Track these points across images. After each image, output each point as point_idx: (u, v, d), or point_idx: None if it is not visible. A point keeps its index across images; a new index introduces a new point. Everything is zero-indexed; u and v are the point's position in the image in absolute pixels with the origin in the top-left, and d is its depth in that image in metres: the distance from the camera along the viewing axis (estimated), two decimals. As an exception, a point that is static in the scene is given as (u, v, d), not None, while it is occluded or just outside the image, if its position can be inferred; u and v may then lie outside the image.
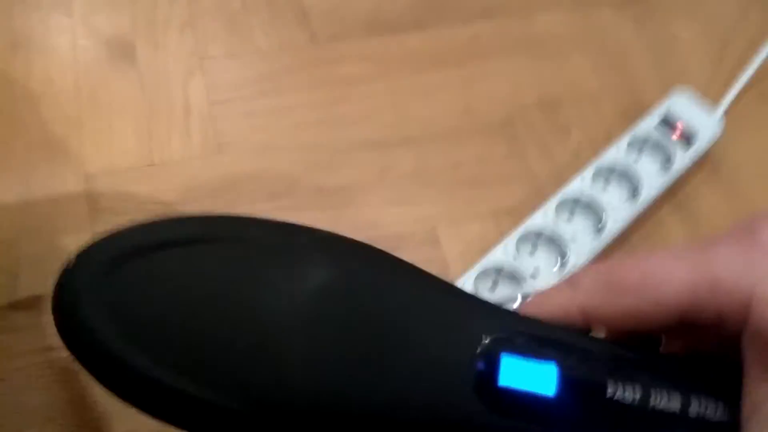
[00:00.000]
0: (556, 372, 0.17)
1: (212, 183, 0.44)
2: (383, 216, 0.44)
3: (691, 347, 0.20)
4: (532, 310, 0.19)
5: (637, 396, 0.17)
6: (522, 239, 0.40)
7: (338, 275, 0.17)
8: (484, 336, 0.17)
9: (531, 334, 0.18)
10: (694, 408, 0.17)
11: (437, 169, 0.46)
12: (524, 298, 0.38)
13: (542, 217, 0.41)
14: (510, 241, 0.40)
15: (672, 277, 0.17)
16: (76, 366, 0.16)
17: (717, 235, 0.17)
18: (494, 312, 0.19)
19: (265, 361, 0.16)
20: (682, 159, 0.43)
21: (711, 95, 0.48)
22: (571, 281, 0.18)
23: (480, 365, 0.17)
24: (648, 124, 0.44)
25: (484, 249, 0.42)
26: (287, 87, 0.48)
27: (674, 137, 0.43)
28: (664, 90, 0.47)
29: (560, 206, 0.42)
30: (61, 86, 0.46)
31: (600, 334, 0.19)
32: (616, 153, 0.43)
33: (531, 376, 0.17)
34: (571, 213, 0.42)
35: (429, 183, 0.45)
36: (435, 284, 0.19)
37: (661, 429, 0.17)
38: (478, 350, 0.17)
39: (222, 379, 0.16)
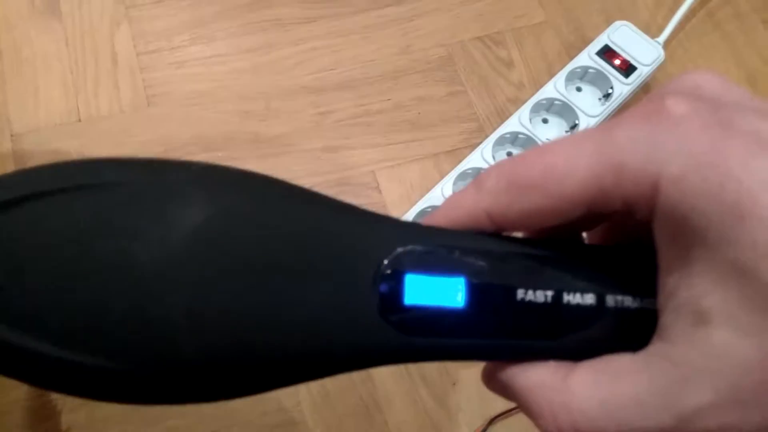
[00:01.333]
0: (463, 283, 0.16)
1: (143, 137, 0.42)
2: (322, 163, 0.43)
3: (613, 239, 0.19)
4: (440, 220, 0.17)
5: (549, 294, 0.16)
6: (459, 179, 0.40)
7: (216, 211, 0.15)
8: (385, 255, 0.16)
9: (435, 245, 0.17)
10: (611, 300, 0.16)
11: (376, 112, 0.45)
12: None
13: (479, 157, 0.40)
14: (447, 182, 0.40)
15: (574, 167, 0.15)
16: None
17: (624, 113, 0.15)
18: (396, 228, 0.17)
19: (144, 319, 0.15)
20: (622, 89, 0.42)
21: (653, 31, 0.47)
22: (476, 183, 0.17)
23: (383, 287, 0.16)
24: (586, 56, 0.43)
25: (424, 191, 0.42)
26: (218, 33, 0.46)
27: (614, 68, 0.42)
28: (608, 25, 0.46)
29: (498, 144, 0.41)
30: (-20, 43, 0.44)
31: (518, 234, 0.18)
32: (554, 87, 0.42)
33: (437, 290, 0.16)
34: (510, 151, 0.42)
35: (368, 127, 0.44)
36: (330, 206, 0.17)
37: (579, 322, 0.16)
38: (380, 270, 0.16)
39: (100, 342, 0.15)
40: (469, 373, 0.38)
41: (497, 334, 0.16)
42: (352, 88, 0.45)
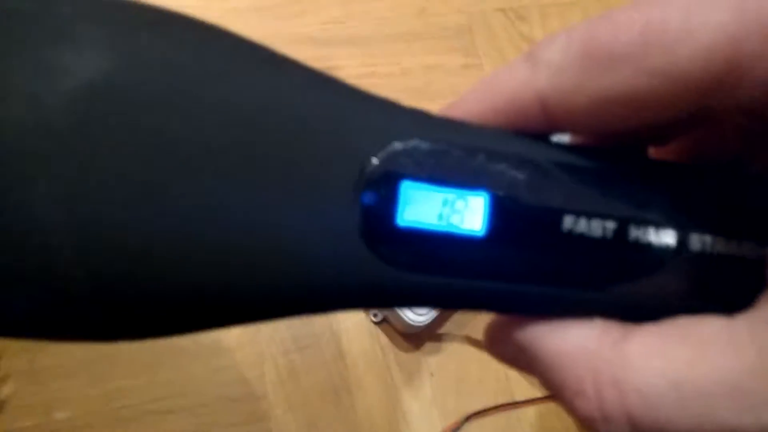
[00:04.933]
0: (486, 200, 0.12)
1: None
2: (318, 121, 0.40)
3: (691, 154, 0.14)
4: (464, 108, 0.12)
5: (611, 226, 0.12)
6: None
7: (122, 62, 0.10)
8: (374, 150, 0.11)
9: (450, 142, 0.12)
10: (697, 241, 0.12)
11: (384, 75, 0.41)
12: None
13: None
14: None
15: (698, 26, 0.10)
16: None
17: None
18: (394, 114, 0.12)
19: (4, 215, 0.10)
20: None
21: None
22: (529, 56, 0.12)
23: (368, 197, 0.11)
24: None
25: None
26: (222, -33, 0.42)
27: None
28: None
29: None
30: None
31: (562, 139, 0.13)
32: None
33: (447, 208, 0.11)
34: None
35: (373, 89, 0.41)
36: (300, 73, 0.12)
37: (646, 268, 0.12)
38: (365, 173, 0.11)
39: None
40: (449, 364, 0.36)
41: (527, 277, 0.12)
42: (361, 46, 0.42)
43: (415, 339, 0.36)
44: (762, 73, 0.10)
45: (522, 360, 0.13)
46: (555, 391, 0.12)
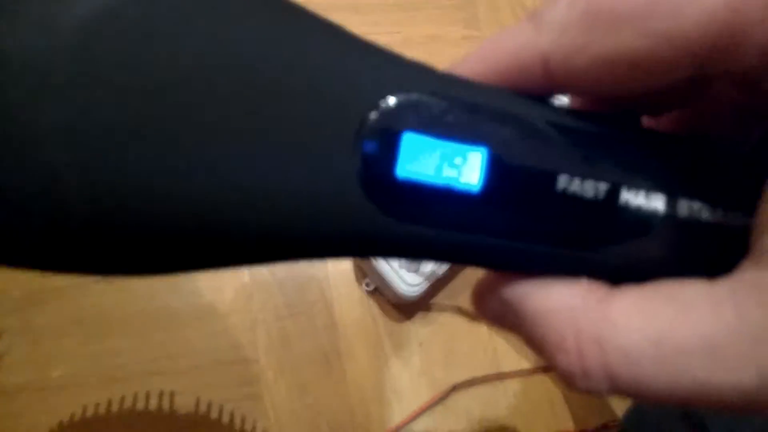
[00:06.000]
0: (484, 156, 0.12)
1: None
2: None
3: (685, 129, 0.15)
4: (469, 66, 0.13)
5: (602, 188, 0.12)
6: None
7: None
8: (376, 100, 0.11)
9: (452, 97, 0.12)
10: (685, 206, 0.12)
11: (384, 43, 0.41)
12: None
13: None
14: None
15: None
16: None
17: None
18: (398, 66, 0.12)
19: (7, 138, 0.10)
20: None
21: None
22: (533, 17, 0.12)
23: (368, 146, 0.11)
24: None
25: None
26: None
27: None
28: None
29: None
30: None
31: (561, 101, 0.13)
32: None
33: (446, 161, 0.12)
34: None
35: (373, 58, 0.41)
36: (306, 21, 0.12)
37: (634, 231, 0.12)
38: (366, 122, 0.11)
39: None
40: (438, 335, 0.36)
41: (520, 234, 0.12)
42: (363, 12, 0.41)
43: (405, 309, 0.36)
44: (760, 38, 0.10)
45: (507, 317, 0.13)
46: (538, 347, 0.12)
